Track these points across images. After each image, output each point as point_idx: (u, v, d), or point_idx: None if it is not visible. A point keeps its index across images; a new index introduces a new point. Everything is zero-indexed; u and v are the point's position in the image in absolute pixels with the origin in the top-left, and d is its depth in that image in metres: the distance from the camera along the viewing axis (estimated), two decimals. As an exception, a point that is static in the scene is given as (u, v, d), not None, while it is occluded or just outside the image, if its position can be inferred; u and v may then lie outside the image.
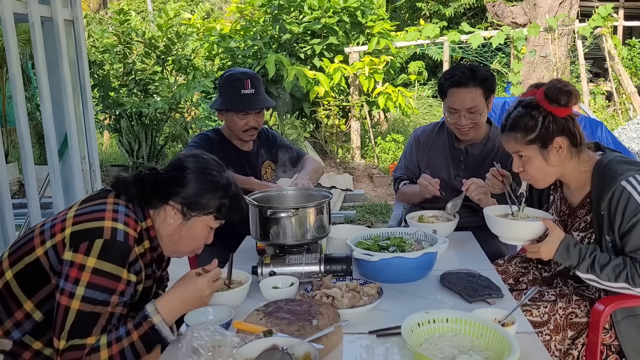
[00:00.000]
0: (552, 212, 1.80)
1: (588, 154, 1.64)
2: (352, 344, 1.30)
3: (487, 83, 2.17)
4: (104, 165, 7.33)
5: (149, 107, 6.76)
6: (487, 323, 1.21)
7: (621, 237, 1.52)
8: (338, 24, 7.27)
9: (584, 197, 1.67)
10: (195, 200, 1.39)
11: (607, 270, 1.51)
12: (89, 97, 3.20)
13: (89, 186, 3.19)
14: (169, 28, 7.11)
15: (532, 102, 1.60)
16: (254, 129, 2.37)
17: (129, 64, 7.15)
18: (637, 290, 1.50)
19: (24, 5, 2.69)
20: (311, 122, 7.53)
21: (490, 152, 2.27)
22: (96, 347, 1.23)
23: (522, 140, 1.60)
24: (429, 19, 11.52)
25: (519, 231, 1.66)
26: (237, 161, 2.41)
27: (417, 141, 2.45)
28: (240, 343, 1.13)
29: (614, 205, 1.51)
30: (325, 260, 1.64)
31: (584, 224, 1.67)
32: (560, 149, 1.59)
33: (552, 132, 1.57)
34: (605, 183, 1.54)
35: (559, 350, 1.58)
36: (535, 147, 1.60)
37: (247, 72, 2.36)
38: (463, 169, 2.30)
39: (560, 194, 1.77)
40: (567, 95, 1.55)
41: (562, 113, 1.57)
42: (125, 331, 1.26)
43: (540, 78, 7.62)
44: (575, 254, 1.54)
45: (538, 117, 1.57)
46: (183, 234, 1.41)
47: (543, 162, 1.61)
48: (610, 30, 7.79)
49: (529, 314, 1.58)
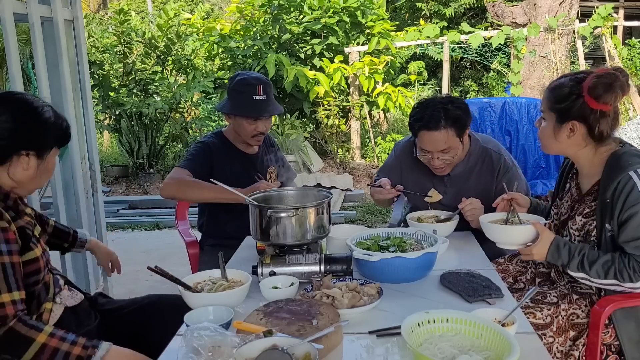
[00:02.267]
0: (553, 213, 1.82)
1: (609, 146, 1.65)
2: (352, 344, 1.30)
3: (458, 123, 2.06)
4: (104, 165, 7.33)
5: (149, 107, 6.76)
6: (487, 323, 1.21)
7: (619, 226, 1.53)
8: (338, 24, 7.27)
9: (593, 185, 1.67)
10: (42, 141, 1.47)
11: (596, 267, 1.53)
12: (89, 97, 3.19)
13: (89, 186, 3.19)
14: (169, 28, 7.12)
15: (581, 80, 1.59)
16: (261, 134, 2.33)
17: (129, 64, 7.16)
18: (627, 285, 1.50)
19: (24, 5, 2.69)
20: (311, 122, 7.54)
21: (474, 168, 2.23)
22: (39, 327, 1.30)
23: (549, 103, 1.66)
24: (429, 19, 11.52)
25: (513, 236, 1.72)
26: (241, 165, 2.38)
27: (397, 160, 2.38)
28: (240, 343, 1.13)
29: (618, 194, 1.53)
30: (325, 260, 1.64)
31: (588, 210, 1.67)
32: (572, 132, 1.61)
33: (572, 114, 1.59)
34: (614, 172, 1.56)
35: (561, 352, 1.58)
36: (554, 116, 1.64)
37: (260, 78, 2.30)
38: (448, 187, 2.25)
39: (576, 181, 1.78)
40: (605, 91, 1.54)
41: (593, 105, 1.56)
42: (72, 339, 1.32)
43: (540, 78, 7.62)
44: (565, 253, 1.57)
45: (572, 94, 1.59)
46: (41, 172, 1.49)
47: (551, 133, 1.65)
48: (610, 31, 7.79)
49: (532, 316, 1.59)
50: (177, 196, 2.28)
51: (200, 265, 2.37)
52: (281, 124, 6.99)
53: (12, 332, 1.29)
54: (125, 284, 3.61)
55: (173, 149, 7.85)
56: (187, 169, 2.24)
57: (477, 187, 2.20)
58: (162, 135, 7.43)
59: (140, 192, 6.78)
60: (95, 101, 7.00)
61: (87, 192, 3.14)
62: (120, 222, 5.46)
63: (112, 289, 3.28)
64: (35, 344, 1.29)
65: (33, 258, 1.44)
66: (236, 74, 2.36)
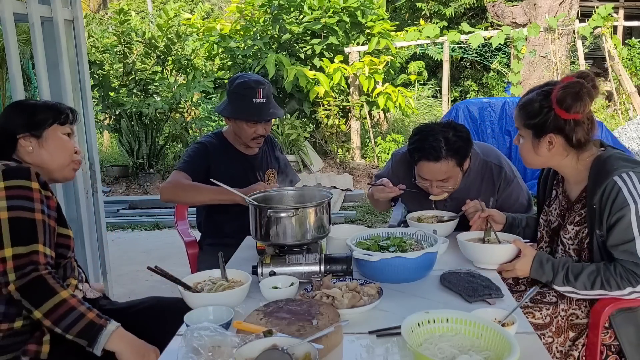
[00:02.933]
0: (542, 221, 1.84)
1: (590, 151, 1.65)
2: (352, 344, 1.30)
3: (459, 154, 2.03)
4: (104, 165, 7.33)
5: (149, 107, 6.76)
6: (487, 323, 1.21)
7: (607, 230, 1.53)
8: (338, 24, 7.27)
9: (580, 192, 1.68)
10: (31, 122, 1.60)
11: (582, 278, 1.53)
12: (89, 97, 3.19)
13: (89, 186, 3.19)
14: (169, 28, 7.11)
15: (548, 93, 1.60)
16: (261, 137, 2.32)
17: (129, 64, 7.16)
18: (615, 293, 1.50)
19: (23, 5, 2.69)
20: (311, 122, 7.54)
21: (474, 181, 2.19)
22: (64, 285, 1.41)
23: (522, 120, 1.67)
24: (429, 19, 11.52)
25: (493, 255, 1.74)
26: (239, 166, 2.37)
27: (395, 172, 2.33)
28: (240, 343, 1.13)
29: (605, 199, 1.53)
30: (325, 260, 1.64)
31: (578, 218, 1.67)
32: (551, 145, 1.62)
33: (547, 128, 1.60)
34: (600, 178, 1.56)
35: (560, 352, 1.58)
36: (530, 132, 1.65)
37: (260, 81, 2.28)
38: (448, 201, 2.20)
39: (562, 188, 1.78)
40: (574, 101, 1.54)
41: (564, 116, 1.57)
42: (88, 306, 1.42)
43: (540, 78, 7.62)
44: (549, 268, 1.59)
45: (543, 108, 1.59)
46: (49, 149, 1.62)
47: (531, 149, 1.67)
48: (610, 30, 7.79)
49: (532, 316, 1.58)
50: (175, 200, 2.30)
51: (199, 265, 2.37)
52: (281, 124, 6.99)
53: (41, 279, 1.38)
54: (125, 284, 3.62)
55: (173, 149, 7.84)
56: (185, 172, 2.24)
57: (477, 196, 2.12)
58: (162, 135, 7.43)
59: (140, 192, 6.78)
60: (95, 101, 7.00)
61: (87, 192, 3.14)
62: (120, 222, 5.46)
63: (112, 290, 3.27)
64: (57, 297, 1.37)
65: (66, 235, 1.59)
66: (236, 76, 2.34)
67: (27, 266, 1.38)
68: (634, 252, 1.49)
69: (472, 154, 2.18)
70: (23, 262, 1.38)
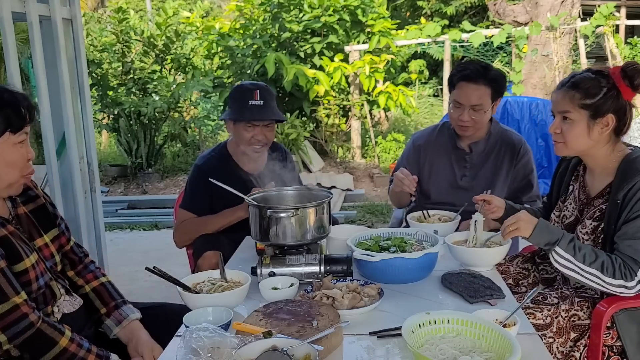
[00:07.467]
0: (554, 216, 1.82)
1: (621, 146, 1.65)
2: (353, 345, 1.29)
3: (496, 84, 2.18)
4: (102, 165, 7.31)
5: (147, 106, 6.74)
6: (488, 324, 1.20)
7: (622, 223, 1.52)
8: (338, 22, 7.25)
9: (604, 187, 1.66)
10: None
11: (584, 251, 1.52)
12: (87, 96, 3.18)
13: (87, 186, 3.18)
14: (167, 27, 7.10)
15: (603, 71, 1.58)
16: (261, 144, 2.24)
17: (128, 63, 7.14)
18: (607, 279, 1.49)
19: (22, 4, 2.68)
20: (311, 121, 7.52)
21: (493, 148, 2.30)
22: (61, 329, 1.36)
23: (577, 101, 1.58)
24: (430, 17, 11.51)
25: (490, 258, 1.73)
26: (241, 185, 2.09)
27: (416, 148, 2.41)
28: (240, 344, 1.12)
29: (631, 196, 1.52)
30: (325, 261, 1.63)
31: (598, 213, 1.65)
32: (607, 127, 1.58)
33: (608, 107, 1.56)
34: (629, 175, 1.55)
35: (562, 352, 1.57)
36: (585, 113, 1.58)
37: (258, 84, 2.26)
38: (468, 168, 2.31)
39: (581, 183, 1.75)
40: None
41: (627, 94, 1.55)
42: (87, 347, 1.39)
43: (541, 77, 7.61)
44: (556, 230, 1.58)
45: (603, 87, 1.56)
46: None
47: (584, 132, 1.59)
48: (612, 29, 7.77)
49: (532, 317, 1.57)
50: (189, 240, 2.28)
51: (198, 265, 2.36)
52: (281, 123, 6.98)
53: (40, 333, 1.33)
54: (124, 284, 3.58)
55: (172, 148, 7.84)
56: (187, 210, 2.25)
57: (495, 167, 2.29)
58: (160, 135, 7.42)
59: (138, 192, 6.77)
60: (93, 100, 6.99)
61: (85, 192, 3.13)
62: (119, 222, 5.45)
63: (111, 289, 3.26)
64: (57, 347, 1.34)
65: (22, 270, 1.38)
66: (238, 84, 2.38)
67: (18, 323, 1.29)
68: (638, 250, 1.49)
69: (493, 122, 2.33)
70: (11, 319, 1.29)
